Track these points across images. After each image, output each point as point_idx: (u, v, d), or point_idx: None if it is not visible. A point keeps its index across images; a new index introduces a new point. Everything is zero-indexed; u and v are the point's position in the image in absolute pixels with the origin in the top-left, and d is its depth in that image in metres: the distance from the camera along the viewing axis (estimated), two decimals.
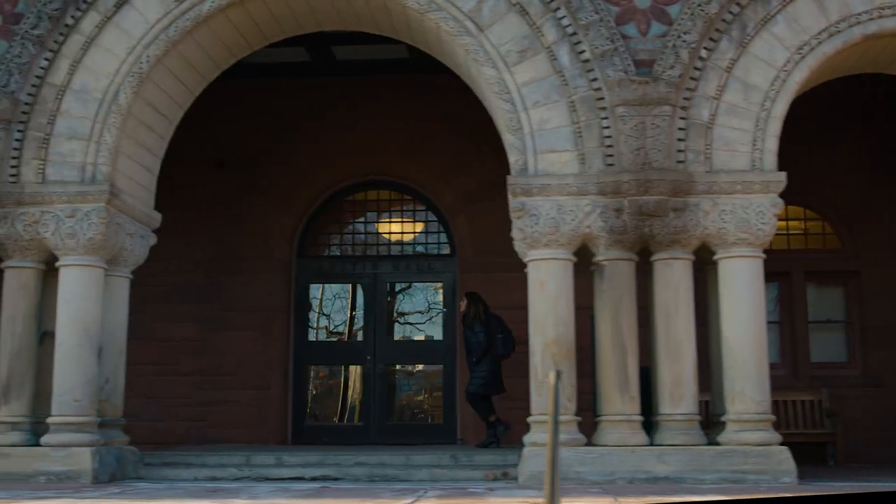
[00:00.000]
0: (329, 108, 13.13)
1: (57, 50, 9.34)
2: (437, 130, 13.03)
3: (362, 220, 13.47)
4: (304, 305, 13.04)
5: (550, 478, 4.27)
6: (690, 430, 8.59)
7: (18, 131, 9.24)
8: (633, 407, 8.66)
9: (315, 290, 13.14)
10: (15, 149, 9.23)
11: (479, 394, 11.48)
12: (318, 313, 13.28)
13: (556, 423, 7.14)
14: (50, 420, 9.05)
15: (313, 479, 9.35)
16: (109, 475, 8.97)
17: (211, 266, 12.91)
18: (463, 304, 11.76)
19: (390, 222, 13.40)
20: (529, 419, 8.80)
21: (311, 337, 13.07)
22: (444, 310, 12.86)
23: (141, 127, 9.65)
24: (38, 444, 9.02)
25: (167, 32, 9.34)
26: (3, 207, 9.17)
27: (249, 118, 12.85)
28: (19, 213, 9.18)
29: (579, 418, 8.75)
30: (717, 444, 8.56)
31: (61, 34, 9.35)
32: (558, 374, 6.88)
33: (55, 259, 9.34)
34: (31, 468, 8.77)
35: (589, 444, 8.66)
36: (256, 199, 13.09)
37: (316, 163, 13.13)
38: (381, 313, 12.92)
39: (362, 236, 13.38)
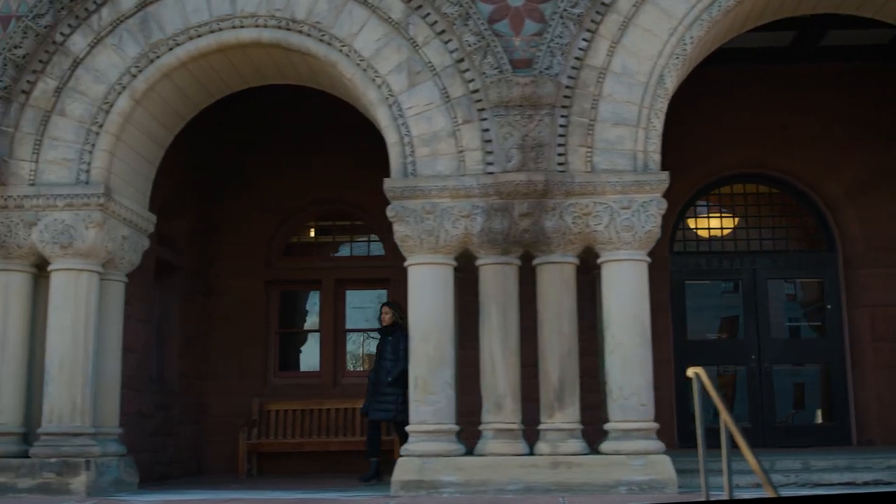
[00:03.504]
0: (701, 97, 12.59)
1: (594, 30, 8.75)
2: (810, 122, 12.56)
3: (730, 214, 12.96)
4: (682, 303, 12.49)
5: None
6: None
7: (562, 116, 8.63)
8: None
9: (689, 287, 12.58)
10: (560, 135, 8.61)
11: (399, 420, 9.75)
12: (695, 311, 12.68)
13: None
14: (610, 426, 8.49)
15: (865, 483, 8.89)
16: None
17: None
18: (387, 316, 10.37)
19: (759, 216, 12.90)
20: None
21: (690, 336, 12.49)
22: (829, 307, 12.42)
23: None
24: (596, 452, 8.44)
25: (709, 12, 8.80)
26: (553, 198, 8.55)
27: None
28: (567, 205, 8.56)
29: None
30: None
31: (598, 13, 8.75)
32: None
33: (593, 253, 8.78)
34: (610, 478, 8.19)
35: None
36: None
37: (689, 154, 12.55)
38: (763, 311, 12.41)
39: (731, 231, 12.87)
